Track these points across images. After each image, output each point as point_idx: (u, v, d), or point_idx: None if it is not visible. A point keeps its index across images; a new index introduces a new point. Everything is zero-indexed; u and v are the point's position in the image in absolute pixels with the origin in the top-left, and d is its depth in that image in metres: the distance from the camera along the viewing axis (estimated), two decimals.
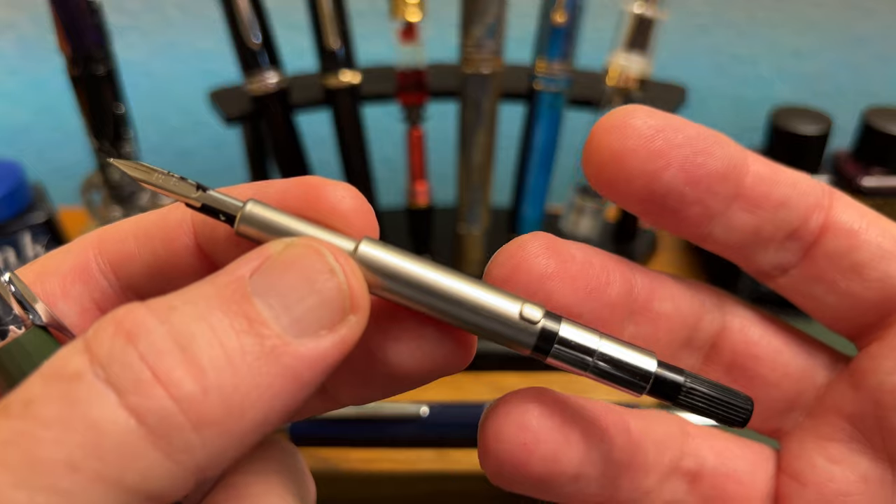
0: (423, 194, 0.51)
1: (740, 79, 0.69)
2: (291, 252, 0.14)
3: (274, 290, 0.13)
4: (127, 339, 0.12)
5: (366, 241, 0.15)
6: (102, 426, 0.12)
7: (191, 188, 0.15)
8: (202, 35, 0.66)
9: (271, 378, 0.13)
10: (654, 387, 0.15)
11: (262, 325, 0.13)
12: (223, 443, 0.13)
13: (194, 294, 0.13)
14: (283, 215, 0.15)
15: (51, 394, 0.12)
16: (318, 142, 0.54)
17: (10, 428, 0.12)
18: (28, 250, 0.51)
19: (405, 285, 0.15)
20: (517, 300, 0.15)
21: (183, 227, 0.17)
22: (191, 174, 0.35)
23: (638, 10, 0.44)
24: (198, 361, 0.12)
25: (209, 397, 0.12)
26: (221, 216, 0.15)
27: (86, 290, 0.17)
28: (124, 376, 0.12)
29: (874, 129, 0.49)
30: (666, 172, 0.15)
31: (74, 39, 0.42)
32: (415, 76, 0.47)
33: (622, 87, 0.45)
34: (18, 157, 0.52)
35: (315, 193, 0.16)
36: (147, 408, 0.12)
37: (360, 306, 0.14)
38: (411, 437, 0.43)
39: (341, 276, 0.14)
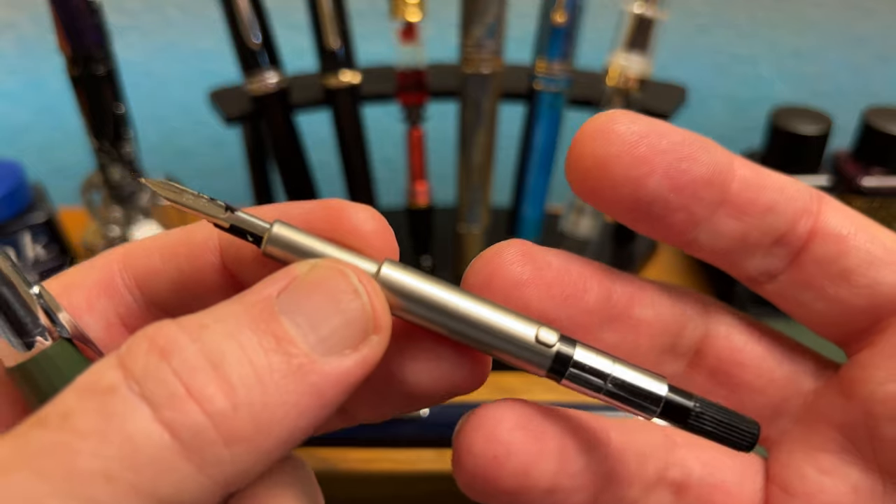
0: (423, 194, 0.51)
1: (740, 79, 0.69)
2: (317, 273, 0.14)
3: (300, 310, 0.14)
4: (160, 355, 0.13)
5: (388, 263, 0.15)
6: (137, 439, 0.12)
7: (220, 209, 0.15)
8: (202, 35, 0.66)
9: (298, 395, 0.13)
10: (664, 410, 0.16)
11: (290, 344, 0.13)
12: (251, 458, 0.13)
13: (224, 312, 0.14)
14: (308, 237, 0.15)
15: (87, 407, 0.12)
16: (318, 142, 0.54)
17: (48, 439, 0.12)
18: (28, 250, 0.51)
19: (425, 307, 0.15)
20: (534, 323, 0.16)
21: (209, 245, 0.17)
22: (191, 174, 0.35)
23: (638, 10, 0.44)
24: (229, 378, 0.13)
25: (240, 413, 0.13)
26: (249, 237, 0.16)
27: (111, 304, 0.17)
28: (158, 391, 0.12)
29: (874, 129, 0.49)
30: (650, 179, 0.15)
31: (74, 39, 0.42)
32: (415, 76, 0.47)
33: (622, 87, 0.45)
34: (18, 157, 0.52)
35: (338, 216, 0.16)
36: (181, 422, 0.12)
37: (382, 327, 0.15)
38: (411, 437, 0.43)
39: (365, 298, 0.14)
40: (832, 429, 0.17)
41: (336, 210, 0.16)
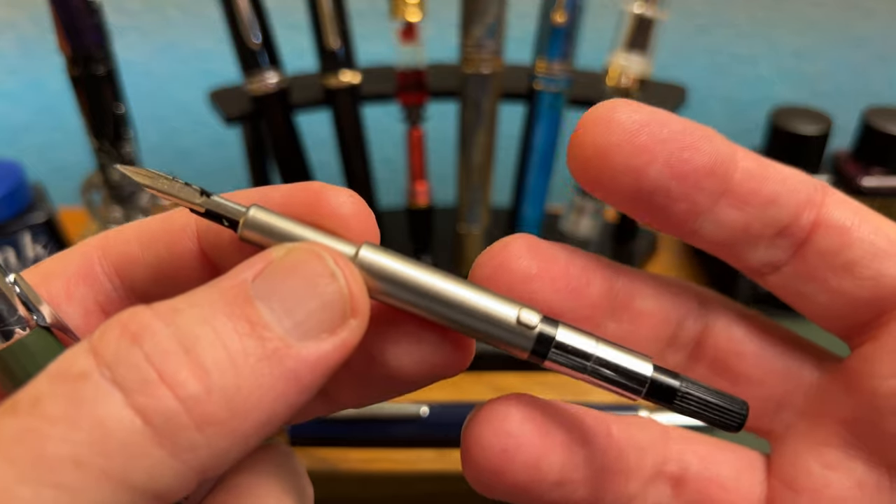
0: (423, 194, 0.51)
1: (740, 79, 0.69)
2: (293, 256, 0.14)
3: (276, 294, 0.14)
4: (132, 340, 0.13)
5: (366, 246, 0.15)
6: (108, 425, 0.12)
7: (195, 193, 0.15)
8: (202, 35, 0.66)
9: (273, 380, 0.13)
10: (649, 391, 0.16)
11: (264, 328, 0.13)
12: (226, 443, 0.13)
13: (198, 298, 0.14)
14: (286, 220, 0.15)
15: (57, 392, 0.12)
16: (318, 142, 0.54)
17: (17, 425, 0.12)
18: (28, 250, 0.51)
19: (404, 289, 0.15)
20: (515, 305, 0.16)
21: (187, 231, 0.17)
22: (191, 174, 0.35)
23: (638, 10, 0.44)
24: (202, 363, 0.13)
25: (213, 398, 0.12)
26: (225, 221, 0.15)
27: (90, 292, 0.17)
28: (130, 376, 0.12)
29: (874, 129, 0.49)
30: (651, 168, 0.15)
31: (74, 39, 0.42)
32: (415, 76, 0.47)
33: (622, 87, 0.45)
34: (18, 157, 0.52)
35: (317, 198, 0.16)
36: (153, 407, 0.12)
37: (360, 310, 0.14)
38: (411, 437, 0.43)
39: (342, 281, 0.14)
40: (836, 423, 0.17)
41: (315, 193, 0.16)
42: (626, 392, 0.16)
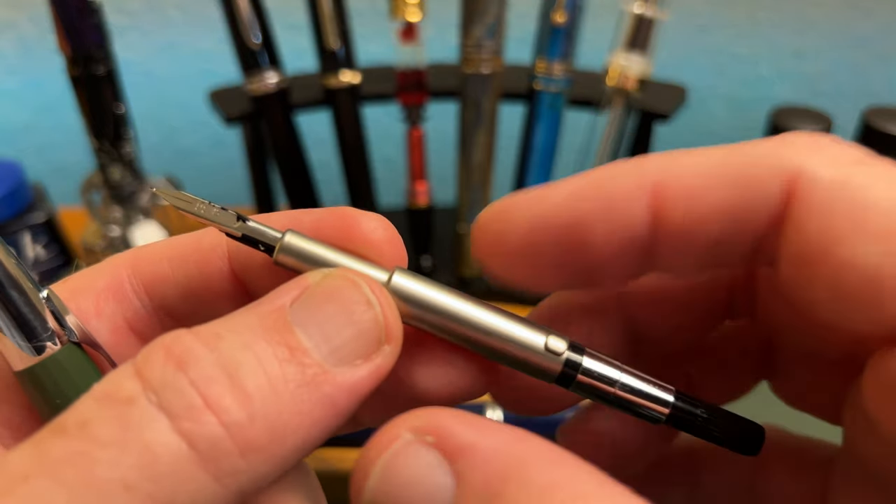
0: (423, 194, 0.51)
1: (740, 79, 0.69)
2: (329, 283, 0.15)
3: (313, 320, 0.14)
4: (177, 365, 0.13)
5: (398, 272, 0.16)
6: (156, 449, 0.12)
7: (231, 218, 0.16)
8: (202, 35, 0.66)
9: (311, 405, 0.13)
10: (670, 418, 0.16)
11: (304, 355, 0.14)
12: (266, 468, 0.13)
13: (238, 323, 0.14)
14: (320, 246, 0.16)
15: (106, 416, 0.12)
16: (318, 142, 0.54)
17: (67, 447, 0.12)
18: (28, 250, 0.51)
19: (435, 315, 0.16)
20: (542, 332, 0.16)
21: (217, 252, 0.17)
22: (191, 174, 0.35)
23: (638, 10, 0.43)
24: (245, 389, 0.13)
25: (255, 424, 0.13)
26: (261, 246, 0.16)
27: (119, 308, 0.17)
28: (176, 402, 0.12)
29: (874, 129, 0.49)
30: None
31: (74, 39, 0.42)
32: (415, 76, 0.47)
33: (622, 87, 0.45)
34: (18, 157, 0.52)
35: (348, 224, 0.16)
36: (198, 433, 0.12)
37: (393, 337, 0.15)
38: None
39: (377, 308, 0.15)
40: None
41: (346, 218, 0.16)
42: (648, 419, 0.16)
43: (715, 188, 0.14)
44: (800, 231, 0.14)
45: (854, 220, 0.13)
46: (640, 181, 0.15)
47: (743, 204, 0.14)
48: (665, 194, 0.14)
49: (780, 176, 0.14)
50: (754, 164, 0.14)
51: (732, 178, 0.14)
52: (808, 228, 0.14)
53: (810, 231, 0.14)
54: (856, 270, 0.13)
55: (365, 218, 0.16)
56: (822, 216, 0.14)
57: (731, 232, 0.15)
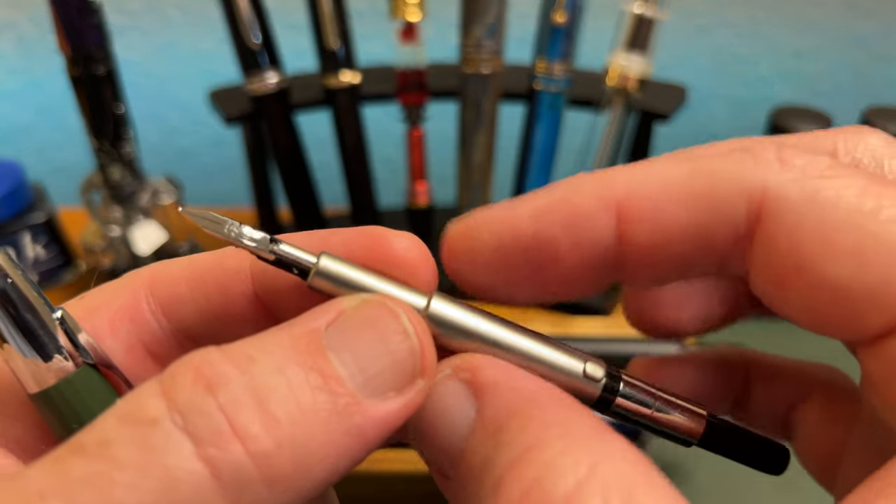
0: (423, 194, 0.51)
1: (740, 79, 0.69)
2: (367, 310, 0.14)
3: (348, 347, 0.14)
4: (206, 388, 0.12)
5: (437, 298, 0.15)
6: (177, 475, 0.12)
7: (263, 242, 0.15)
8: (202, 35, 0.66)
9: (340, 436, 0.13)
10: (703, 441, 0.17)
11: (337, 383, 0.13)
12: (288, 497, 0.13)
13: (270, 344, 0.13)
14: (355, 269, 0.15)
15: (127, 436, 0.12)
16: (318, 142, 0.54)
17: (86, 468, 0.12)
18: (28, 250, 0.51)
19: (474, 342, 0.15)
20: (580, 358, 0.16)
21: (241, 275, 0.16)
22: (191, 174, 0.35)
23: (638, 10, 0.43)
24: (275, 416, 0.12)
25: (282, 453, 0.12)
26: (295, 270, 0.15)
27: (134, 329, 0.17)
28: (203, 426, 0.12)
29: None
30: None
31: (74, 39, 0.42)
32: (415, 76, 0.47)
33: (622, 87, 0.45)
34: (18, 157, 0.53)
35: (380, 244, 0.16)
36: (223, 460, 0.12)
37: (428, 371, 0.14)
38: None
39: (414, 340, 0.14)
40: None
41: (378, 238, 0.16)
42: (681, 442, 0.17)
43: (679, 207, 0.14)
44: (769, 249, 0.14)
45: (823, 237, 0.13)
46: (605, 198, 0.15)
47: (708, 223, 0.14)
48: (629, 212, 0.15)
49: (745, 195, 0.14)
50: (719, 182, 0.14)
51: (697, 197, 0.14)
52: (777, 247, 0.14)
53: (780, 249, 0.14)
54: (828, 288, 0.13)
55: (397, 238, 0.16)
56: (791, 234, 0.13)
57: (696, 249, 0.15)
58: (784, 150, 0.14)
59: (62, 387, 0.14)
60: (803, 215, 0.13)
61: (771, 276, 0.14)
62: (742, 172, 0.14)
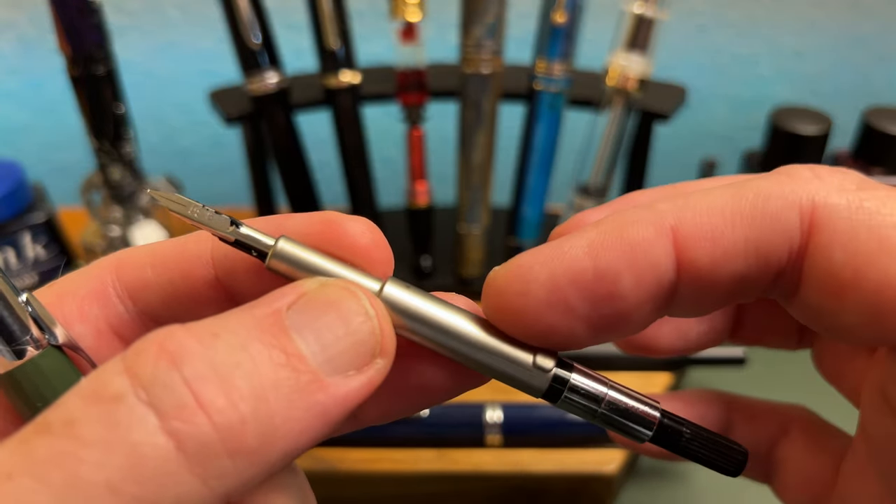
0: (423, 194, 0.51)
1: (740, 79, 0.69)
2: (329, 292, 0.15)
3: (310, 327, 0.14)
4: (171, 362, 0.13)
5: (390, 283, 0.16)
6: (143, 450, 0.12)
7: (225, 223, 0.16)
8: (202, 35, 0.66)
9: (302, 412, 0.13)
10: (656, 436, 0.16)
11: (299, 361, 0.13)
12: (253, 471, 0.13)
13: (233, 323, 0.14)
14: (312, 253, 0.16)
15: (92, 415, 0.12)
16: (318, 142, 0.54)
17: (51, 446, 0.12)
18: (28, 250, 0.51)
19: (425, 328, 0.16)
20: (531, 349, 0.16)
21: (202, 258, 0.17)
22: (191, 174, 0.35)
23: (638, 10, 0.44)
24: (239, 390, 0.13)
25: (246, 426, 0.13)
26: (253, 252, 0.16)
27: (102, 313, 0.17)
28: (167, 400, 0.12)
29: (874, 129, 0.49)
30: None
31: (74, 39, 0.42)
32: (415, 76, 0.47)
33: (622, 87, 0.45)
34: (18, 157, 0.52)
35: (335, 229, 0.16)
36: (188, 433, 0.12)
37: (387, 351, 0.15)
38: (411, 437, 0.43)
39: (375, 321, 0.15)
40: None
41: (332, 223, 0.16)
42: (633, 437, 0.16)
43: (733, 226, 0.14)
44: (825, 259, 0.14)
45: (879, 240, 0.13)
46: (659, 225, 0.15)
47: (763, 238, 0.14)
48: (686, 237, 0.14)
49: (797, 207, 0.14)
50: (767, 199, 0.14)
51: (748, 214, 0.14)
52: (833, 256, 0.14)
53: (836, 258, 0.14)
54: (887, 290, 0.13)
55: (351, 223, 0.16)
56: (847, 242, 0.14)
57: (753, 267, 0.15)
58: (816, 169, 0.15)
59: (28, 368, 0.15)
60: (856, 222, 0.14)
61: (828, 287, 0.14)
62: (788, 188, 0.14)
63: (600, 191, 0.48)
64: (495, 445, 0.42)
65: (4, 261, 0.50)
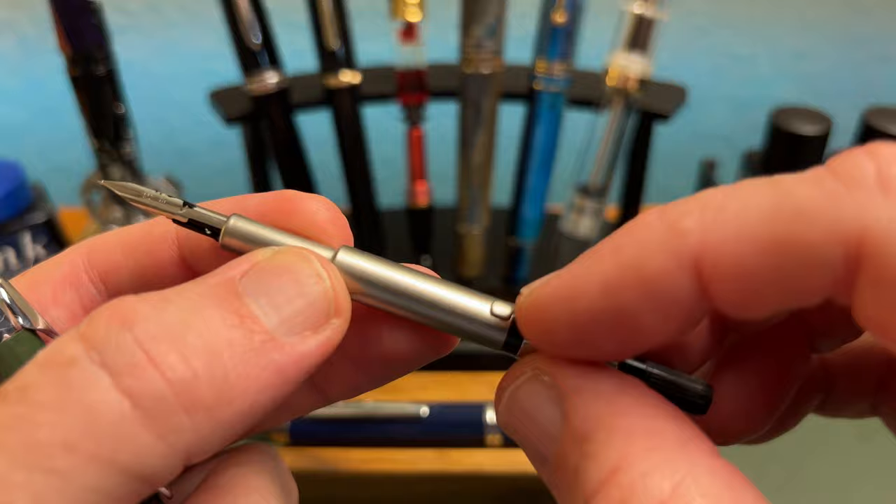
0: (423, 194, 0.51)
1: (740, 79, 0.69)
2: (280, 258, 0.15)
3: (263, 292, 0.14)
4: (122, 324, 0.13)
5: (343, 250, 0.16)
6: (97, 408, 0.12)
7: (176, 206, 0.16)
8: (202, 35, 0.66)
9: (259, 370, 0.13)
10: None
11: (253, 322, 0.14)
12: (210, 428, 0.13)
13: (186, 291, 0.14)
14: (265, 228, 0.16)
15: (47, 379, 0.12)
16: (318, 142, 0.54)
17: (7, 413, 0.12)
18: (28, 250, 0.51)
19: (380, 290, 0.16)
20: (487, 299, 0.16)
21: (167, 240, 0.18)
22: (191, 174, 0.35)
23: (638, 10, 0.43)
24: (191, 348, 0.13)
25: (200, 383, 0.13)
26: (207, 230, 0.16)
27: (76, 297, 0.17)
28: (119, 359, 0.12)
29: (874, 129, 0.49)
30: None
31: (74, 39, 0.42)
32: (415, 76, 0.47)
33: (622, 87, 0.45)
34: (18, 157, 0.52)
35: (291, 206, 0.17)
36: (141, 389, 0.12)
37: (342, 310, 0.15)
38: (411, 437, 0.43)
39: (327, 282, 0.15)
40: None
41: (289, 201, 0.17)
42: None
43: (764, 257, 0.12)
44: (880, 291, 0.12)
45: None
46: (679, 255, 0.13)
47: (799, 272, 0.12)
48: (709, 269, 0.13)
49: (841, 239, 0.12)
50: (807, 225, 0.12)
51: (782, 244, 0.12)
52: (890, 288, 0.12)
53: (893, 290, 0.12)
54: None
55: (307, 200, 0.17)
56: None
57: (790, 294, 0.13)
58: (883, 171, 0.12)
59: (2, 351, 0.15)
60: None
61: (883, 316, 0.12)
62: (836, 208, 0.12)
63: (600, 191, 0.48)
64: (495, 445, 0.42)
65: (4, 261, 0.50)
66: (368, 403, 0.43)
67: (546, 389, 0.15)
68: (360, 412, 0.43)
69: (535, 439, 0.15)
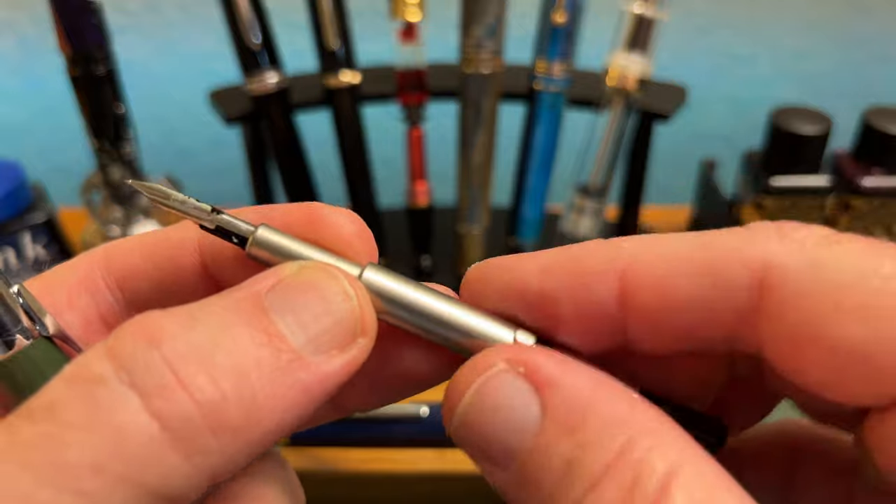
0: (423, 194, 0.51)
1: (740, 79, 0.69)
2: (308, 274, 0.15)
3: (290, 309, 0.14)
4: (150, 343, 0.13)
5: (370, 267, 0.16)
6: (126, 429, 0.12)
7: (205, 211, 0.16)
8: (202, 35, 0.66)
9: (285, 390, 0.13)
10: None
11: (280, 340, 0.14)
12: (237, 449, 0.13)
13: (213, 306, 0.14)
14: (292, 240, 0.16)
15: (75, 397, 0.12)
16: (318, 142, 0.54)
17: (35, 431, 0.12)
18: (28, 250, 0.51)
19: (406, 311, 0.16)
20: (511, 327, 0.16)
21: (189, 246, 0.17)
22: (191, 174, 0.35)
23: (638, 10, 0.43)
24: (219, 369, 0.13)
25: (229, 404, 0.13)
26: (234, 239, 0.16)
27: (92, 302, 0.17)
28: (148, 380, 0.12)
29: (874, 129, 0.49)
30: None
31: (74, 39, 0.42)
32: (415, 76, 0.47)
33: (622, 87, 0.45)
34: (18, 157, 0.52)
35: (318, 219, 0.16)
36: (170, 412, 0.12)
37: (368, 330, 0.15)
38: (411, 437, 0.43)
39: (354, 301, 0.15)
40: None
41: (316, 213, 0.16)
42: None
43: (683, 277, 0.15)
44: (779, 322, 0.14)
45: (833, 300, 0.13)
46: (610, 263, 0.15)
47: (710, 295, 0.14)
48: (632, 278, 0.15)
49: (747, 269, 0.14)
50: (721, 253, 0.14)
51: (700, 269, 0.14)
52: (787, 317, 0.14)
53: (790, 319, 0.14)
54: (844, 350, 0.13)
55: (334, 213, 0.16)
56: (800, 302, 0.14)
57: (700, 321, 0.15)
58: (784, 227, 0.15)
59: (18, 358, 0.15)
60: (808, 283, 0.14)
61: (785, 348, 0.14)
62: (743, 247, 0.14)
63: (600, 191, 0.48)
64: None
65: (4, 261, 0.50)
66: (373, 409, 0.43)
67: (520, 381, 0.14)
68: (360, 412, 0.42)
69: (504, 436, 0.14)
